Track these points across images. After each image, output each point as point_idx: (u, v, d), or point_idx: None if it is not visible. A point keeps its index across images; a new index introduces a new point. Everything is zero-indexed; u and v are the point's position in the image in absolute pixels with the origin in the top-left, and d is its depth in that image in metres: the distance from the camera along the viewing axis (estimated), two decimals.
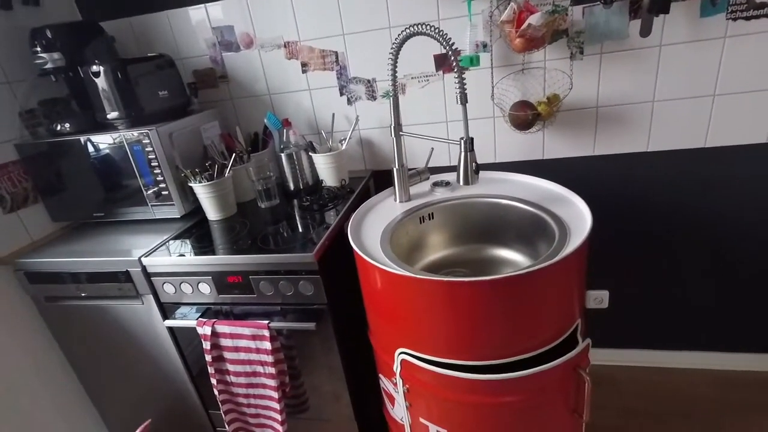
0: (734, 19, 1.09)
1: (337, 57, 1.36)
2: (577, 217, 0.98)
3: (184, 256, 1.13)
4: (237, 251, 1.11)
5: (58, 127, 1.31)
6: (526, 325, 0.88)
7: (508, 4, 1.13)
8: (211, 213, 1.31)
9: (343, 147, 1.38)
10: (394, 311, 0.97)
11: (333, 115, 1.42)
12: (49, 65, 1.24)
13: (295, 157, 1.37)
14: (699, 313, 1.48)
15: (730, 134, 1.21)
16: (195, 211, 1.34)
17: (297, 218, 1.27)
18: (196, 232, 1.27)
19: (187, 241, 1.21)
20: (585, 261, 0.95)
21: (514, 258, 1.13)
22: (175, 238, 1.24)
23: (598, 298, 1.51)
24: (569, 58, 1.21)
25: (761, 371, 1.51)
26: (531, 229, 1.06)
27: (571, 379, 0.93)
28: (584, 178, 1.34)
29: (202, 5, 1.37)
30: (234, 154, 1.33)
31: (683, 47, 1.14)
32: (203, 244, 1.19)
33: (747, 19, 1.08)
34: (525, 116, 1.20)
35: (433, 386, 0.95)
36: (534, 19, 1.07)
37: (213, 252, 1.13)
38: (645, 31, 1.09)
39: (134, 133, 1.20)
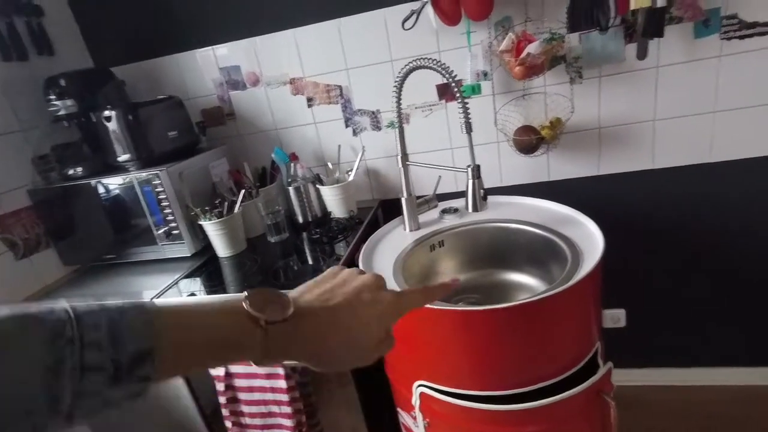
0: (728, 39, 1.12)
1: (341, 91, 1.39)
2: (588, 238, 0.97)
3: (194, 295, 1.13)
4: (248, 288, 1.10)
5: (70, 171, 1.33)
6: (545, 351, 0.86)
7: (507, 34, 1.17)
8: (221, 250, 1.31)
9: (351, 178, 1.39)
10: (410, 343, 0.96)
11: (339, 146, 1.44)
12: (62, 112, 1.27)
13: (302, 190, 1.39)
14: (716, 328, 1.46)
15: (733, 148, 1.22)
16: (205, 248, 1.34)
17: (307, 251, 1.27)
18: (207, 269, 1.27)
19: (198, 280, 1.21)
20: (600, 283, 0.94)
21: (527, 282, 1.13)
22: (186, 276, 1.24)
23: (615, 317, 1.49)
24: (569, 83, 1.24)
25: None
26: (542, 252, 1.06)
27: (595, 405, 0.91)
28: (591, 198, 1.35)
29: (210, 47, 1.41)
30: (243, 190, 1.34)
31: (680, 67, 1.16)
32: (214, 282, 1.19)
33: (740, 38, 1.11)
34: (529, 141, 1.22)
35: (453, 419, 0.93)
36: (532, 48, 1.10)
37: (224, 290, 1.13)
38: (641, 54, 1.12)
39: (145, 174, 1.22)
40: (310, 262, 1.21)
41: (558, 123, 1.24)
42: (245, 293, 0.36)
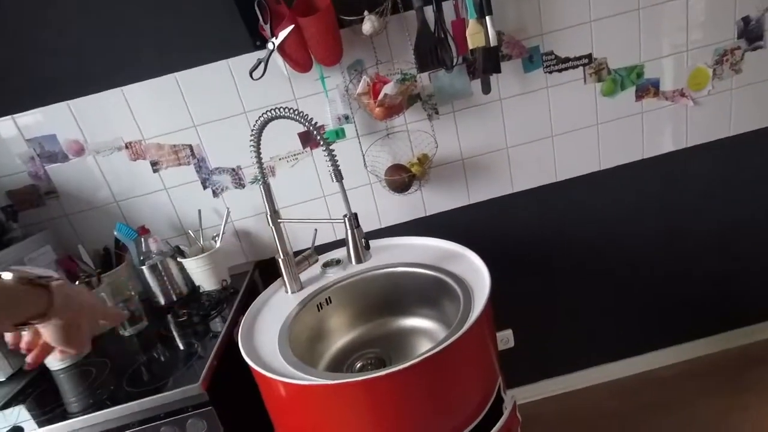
0: (550, 72, 1.26)
1: (192, 150, 1.24)
2: (474, 271, 0.97)
3: (21, 430, 0.85)
4: (96, 405, 0.87)
5: None
6: (454, 400, 0.81)
7: (360, 77, 1.16)
8: (53, 361, 1.03)
9: (218, 244, 1.23)
10: (309, 426, 0.83)
11: (199, 211, 1.27)
12: None
13: (160, 267, 1.18)
14: (596, 330, 1.59)
15: (572, 167, 1.37)
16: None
17: (175, 338, 1.06)
18: (34, 391, 0.98)
19: (22, 408, 0.93)
20: (492, 314, 0.94)
21: (422, 325, 1.09)
22: (3, 408, 0.94)
23: (504, 339, 1.54)
24: (428, 119, 1.28)
25: (649, 370, 1.65)
26: (433, 292, 1.03)
27: None
28: (466, 227, 1.39)
29: (9, 117, 1.15)
30: (78, 281, 1.09)
31: (518, 99, 1.28)
32: (47, 407, 0.91)
33: (559, 71, 1.26)
34: (401, 180, 1.21)
35: None
36: (389, 89, 1.11)
37: (63, 415, 0.87)
38: (485, 89, 1.21)
39: None
40: (182, 347, 1.01)
41: (425, 159, 1.27)
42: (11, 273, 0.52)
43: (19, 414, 0.91)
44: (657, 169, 1.39)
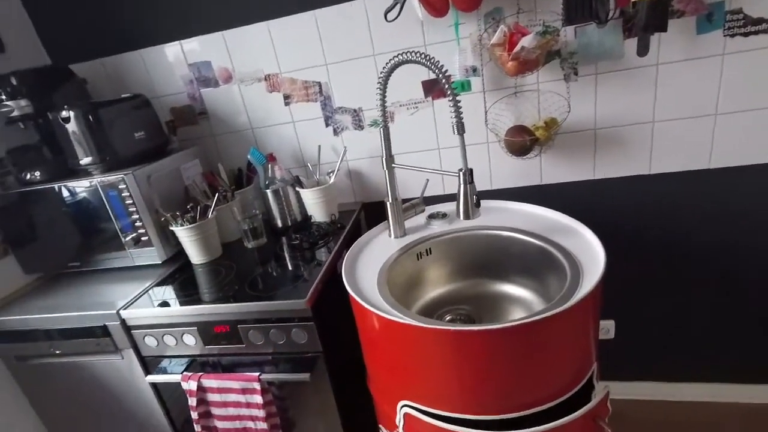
0: (732, 36, 1.05)
1: (320, 87, 1.30)
2: (587, 249, 0.91)
3: (167, 306, 1.05)
4: (224, 299, 1.03)
5: (28, 176, 1.23)
6: (541, 374, 0.81)
7: (498, 26, 1.09)
8: (195, 257, 1.23)
9: (332, 180, 1.32)
10: (395, 360, 0.89)
11: (319, 147, 1.36)
12: (16, 113, 1.18)
13: (281, 193, 1.31)
14: (714, 342, 1.41)
15: (735, 154, 1.16)
16: (178, 254, 1.26)
17: (287, 258, 1.19)
18: (180, 277, 1.19)
19: (170, 289, 1.14)
20: (601, 300, 0.88)
21: (520, 294, 1.07)
22: (157, 285, 1.17)
23: (604, 329, 1.44)
24: (563, 80, 1.17)
25: None
26: (537, 262, 1.00)
27: (589, 431, 0.85)
28: (585, 203, 1.29)
29: (177, 42, 1.31)
30: (217, 194, 1.26)
31: (681, 65, 1.10)
32: (187, 291, 1.11)
33: (745, 35, 1.04)
34: (522, 142, 1.15)
35: None
36: (527, 41, 1.03)
37: (198, 300, 1.06)
38: (642, 51, 1.05)
39: (109, 178, 1.13)
40: (290, 268, 1.14)
41: (553, 123, 1.17)
42: None
43: (165, 292, 1.12)
44: None
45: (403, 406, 0.91)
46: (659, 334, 1.44)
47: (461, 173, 0.91)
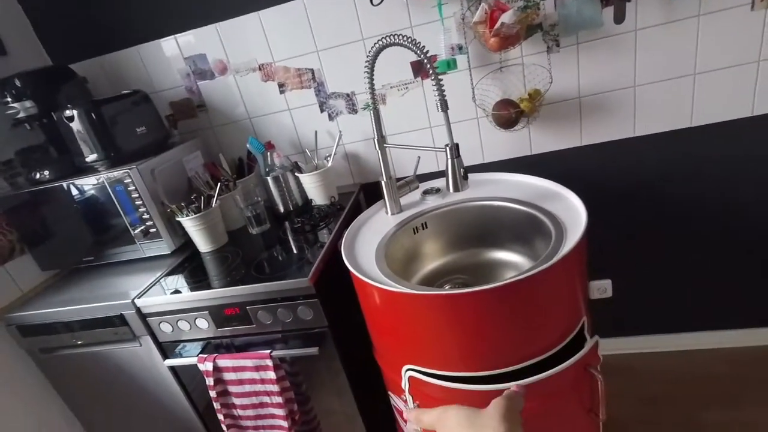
0: None
1: (313, 74, 1.34)
2: (571, 212, 0.96)
3: (178, 293, 1.11)
4: (232, 282, 1.09)
5: (37, 176, 1.28)
6: (532, 329, 0.86)
7: (479, 4, 1.12)
8: (202, 245, 1.29)
9: (329, 164, 1.36)
10: (397, 328, 0.95)
11: (315, 132, 1.41)
12: (21, 114, 1.22)
13: (281, 180, 1.35)
14: (706, 292, 1.47)
15: (715, 111, 1.20)
16: (186, 244, 1.31)
17: (290, 241, 1.25)
18: (189, 266, 1.24)
19: (181, 277, 1.19)
20: (585, 256, 0.93)
21: (512, 259, 1.12)
22: (168, 274, 1.22)
23: (602, 288, 1.50)
24: (546, 52, 1.20)
25: None
26: (526, 228, 1.05)
27: (583, 380, 0.91)
28: (575, 170, 1.33)
29: (172, 36, 1.35)
30: (219, 183, 1.31)
31: (659, 29, 1.13)
32: (197, 278, 1.17)
33: None
34: (508, 115, 1.19)
35: (443, 400, 0.92)
36: (506, 17, 1.06)
37: (208, 285, 1.11)
38: (619, 18, 1.09)
39: (115, 174, 1.18)
40: (295, 251, 1.19)
41: (537, 95, 1.21)
42: None
43: (177, 280, 1.18)
44: None
45: (407, 370, 0.96)
46: (655, 290, 1.49)
47: (447, 148, 0.96)
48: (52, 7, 1.37)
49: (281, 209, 1.39)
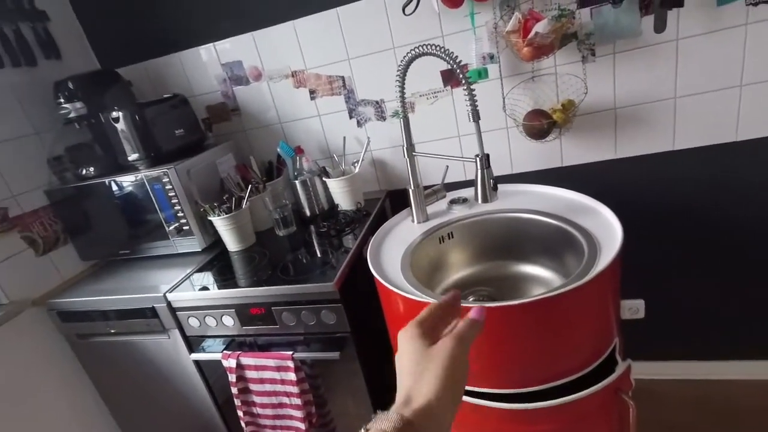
0: (755, 4, 1.03)
1: (344, 81, 1.36)
2: (605, 228, 0.93)
3: (207, 290, 1.14)
4: (258, 283, 1.11)
5: (84, 172, 1.36)
6: (561, 348, 0.83)
7: (512, 13, 1.11)
8: (231, 244, 1.32)
9: (357, 170, 1.37)
10: None
11: (344, 138, 1.42)
12: (72, 114, 1.30)
13: (309, 184, 1.38)
14: (743, 320, 1.38)
15: (762, 125, 1.13)
16: (215, 242, 1.35)
17: (315, 245, 1.26)
18: (218, 264, 1.28)
19: (209, 274, 1.23)
20: (619, 275, 0.90)
21: (540, 274, 1.09)
22: (198, 271, 1.26)
23: (633, 308, 1.43)
24: (581, 62, 1.17)
25: None
26: (556, 243, 1.02)
27: (612, 404, 0.87)
28: (608, 183, 1.29)
29: (211, 44, 1.41)
30: (250, 185, 1.34)
31: (702, 39, 1.08)
32: (225, 276, 1.20)
33: None
34: (540, 125, 1.17)
35: (465, 416, 0.91)
36: (541, 27, 1.04)
37: (235, 284, 1.14)
38: (659, 27, 1.05)
39: (154, 173, 1.23)
40: (319, 255, 1.20)
41: (570, 105, 1.18)
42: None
43: (205, 277, 1.21)
44: None
45: None
46: (689, 314, 1.42)
47: (477, 159, 0.94)
48: (103, 15, 1.46)
49: (308, 213, 1.41)
